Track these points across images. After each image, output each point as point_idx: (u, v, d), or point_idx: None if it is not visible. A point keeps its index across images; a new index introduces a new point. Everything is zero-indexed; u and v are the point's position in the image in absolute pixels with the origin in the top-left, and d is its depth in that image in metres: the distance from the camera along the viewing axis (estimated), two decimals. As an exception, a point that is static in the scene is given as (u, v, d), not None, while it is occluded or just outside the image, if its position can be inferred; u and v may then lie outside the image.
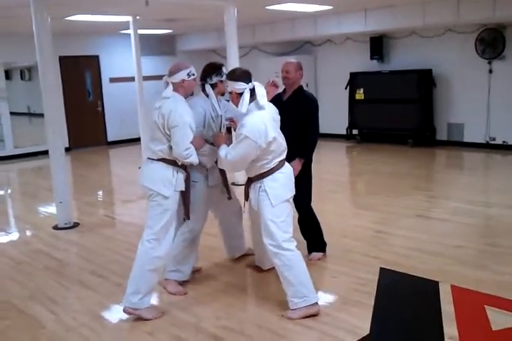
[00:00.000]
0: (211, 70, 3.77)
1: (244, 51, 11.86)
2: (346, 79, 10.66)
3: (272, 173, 3.42)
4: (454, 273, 3.96)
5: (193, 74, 3.51)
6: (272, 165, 3.42)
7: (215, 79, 3.73)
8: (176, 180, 3.47)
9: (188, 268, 3.94)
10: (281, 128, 3.63)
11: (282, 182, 3.44)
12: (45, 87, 5.57)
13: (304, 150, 4.14)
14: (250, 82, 3.40)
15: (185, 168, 3.57)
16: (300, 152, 4.07)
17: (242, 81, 3.38)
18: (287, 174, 3.50)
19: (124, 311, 3.45)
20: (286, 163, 3.55)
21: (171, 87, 3.44)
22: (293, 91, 4.23)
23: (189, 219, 3.75)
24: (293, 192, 3.54)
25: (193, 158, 3.44)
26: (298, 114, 4.09)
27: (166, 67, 3.89)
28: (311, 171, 4.32)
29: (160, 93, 3.49)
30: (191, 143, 3.40)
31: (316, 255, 4.45)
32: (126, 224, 5.89)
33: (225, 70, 3.77)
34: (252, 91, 3.38)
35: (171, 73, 3.45)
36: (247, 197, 3.62)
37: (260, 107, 3.38)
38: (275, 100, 4.00)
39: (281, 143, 3.46)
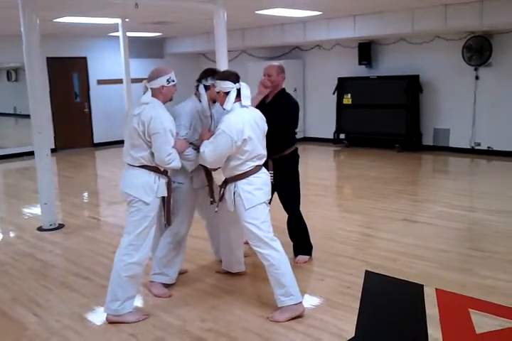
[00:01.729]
0: (209, 73, 3.79)
1: (234, 55, 11.88)
2: (334, 84, 10.72)
3: (247, 177, 3.42)
4: (439, 277, 3.99)
5: (173, 81, 3.47)
6: (246, 168, 3.41)
7: (210, 81, 3.74)
8: (157, 186, 3.45)
9: (173, 271, 3.91)
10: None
11: (257, 186, 3.44)
12: (32, 88, 5.52)
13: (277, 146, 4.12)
14: (238, 82, 3.41)
15: (166, 173, 3.56)
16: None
17: (230, 80, 3.40)
18: (263, 179, 3.50)
19: (107, 320, 3.43)
20: (264, 169, 3.56)
21: (149, 92, 3.40)
22: (275, 94, 4.26)
23: (170, 225, 3.73)
24: (268, 196, 3.55)
25: (175, 163, 3.41)
26: (279, 119, 4.07)
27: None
28: (299, 174, 4.36)
29: (139, 98, 3.46)
30: (174, 146, 3.38)
31: (302, 258, 4.46)
32: (111, 225, 5.85)
33: None
34: (239, 91, 3.40)
35: (151, 78, 3.41)
36: (221, 198, 3.63)
37: (243, 107, 3.42)
38: (258, 104, 4.05)
39: (259, 147, 3.45)
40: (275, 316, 3.41)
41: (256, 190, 3.43)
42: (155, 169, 3.44)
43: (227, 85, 3.39)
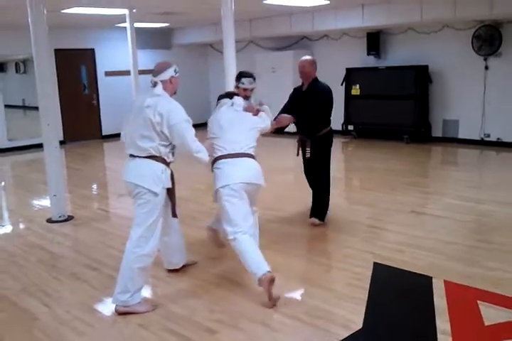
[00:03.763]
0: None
1: (241, 45, 11.84)
2: (342, 75, 10.65)
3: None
4: (447, 269, 3.98)
5: (178, 72, 3.58)
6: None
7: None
8: (164, 176, 3.48)
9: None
10: (302, 115, 4.80)
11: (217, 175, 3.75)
12: (40, 80, 5.53)
13: (310, 126, 4.98)
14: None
15: (169, 165, 3.58)
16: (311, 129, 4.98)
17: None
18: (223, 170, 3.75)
19: (116, 311, 3.45)
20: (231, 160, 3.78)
21: (160, 85, 3.46)
22: (309, 82, 4.97)
23: (177, 216, 3.74)
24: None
25: (203, 155, 3.53)
26: (316, 104, 4.86)
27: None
28: (331, 152, 5.19)
29: (146, 91, 3.53)
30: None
31: (315, 220, 5.09)
32: (120, 217, 5.88)
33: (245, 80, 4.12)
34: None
35: (159, 72, 3.48)
36: None
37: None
38: (296, 92, 5.15)
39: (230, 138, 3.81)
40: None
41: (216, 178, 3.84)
42: (162, 160, 3.47)
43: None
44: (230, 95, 4.13)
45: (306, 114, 4.82)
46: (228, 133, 3.84)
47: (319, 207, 5.15)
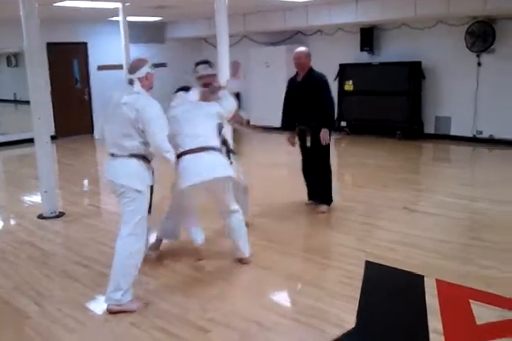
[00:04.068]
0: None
1: (235, 40, 11.77)
2: (336, 71, 10.63)
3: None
4: (439, 267, 3.98)
5: (153, 68, 3.61)
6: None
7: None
8: (147, 174, 3.52)
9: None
10: (300, 105, 5.15)
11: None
12: (32, 74, 5.47)
13: (325, 122, 5.13)
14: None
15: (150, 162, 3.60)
16: (322, 123, 5.10)
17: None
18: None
19: (109, 310, 3.42)
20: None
21: (138, 82, 3.47)
22: (305, 73, 5.17)
23: (150, 213, 3.69)
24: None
25: (171, 156, 3.53)
26: (312, 91, 5.07)
27: (155, 55, 4.05)
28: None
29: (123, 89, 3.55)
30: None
31: (323, 207, 5.32)
32: (111, 213, 5.82)
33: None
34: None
35: (135, 69, 3.50)
36: None
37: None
38: (291, 83, 5.33)
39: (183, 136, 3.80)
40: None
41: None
42: (143, 158, 3.50)
43: None
44: (185, 89, 4.14)
45: (305, 104, 5.11)
46: (186, 127, 3.85)
47: (324, 194, 5.37)
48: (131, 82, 3.48)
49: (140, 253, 3.49)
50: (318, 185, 5.41)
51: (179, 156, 3.79)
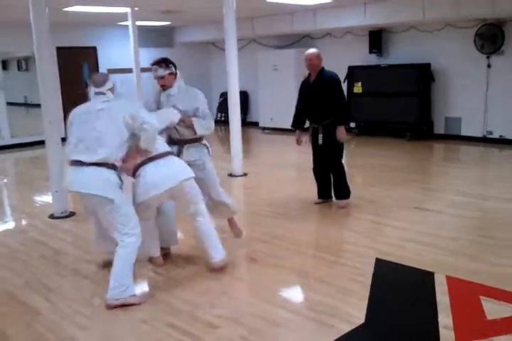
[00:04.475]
0: None
1: (243, 43, 11.84)
2: (345, 73, 10.63)
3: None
4: (449, 265, 3.97)
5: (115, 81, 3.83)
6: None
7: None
8: (119, 180, 3.56)
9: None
10: (313, 104, 5.28)
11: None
12: (42, 78, 5.53)
13: (340, 119, 5.24)
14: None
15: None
16: (338, 121, 5.22)
17: None
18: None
19: (109, 306, 3.45)
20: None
21: (110, 92, 3.74)
22: (317, 73, 5.27)
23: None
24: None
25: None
26: (324, 89, 5.20)
27: None
28: None
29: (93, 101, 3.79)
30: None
31: (344, 202, 5.46)
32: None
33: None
34: None
35: (102, 83, 3.76)
36: None
37: None
38: (304, 85, 5.44)
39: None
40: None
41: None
42: (112, 166, 3.53)
43: None
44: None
45: (317, 102, 5.24)
46: None
47: (341, 189, 5.48)
48: (99, 94, 3.72)
49: (137, 249, 3.56)
50: (335, 182, 5.49)
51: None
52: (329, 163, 5.44)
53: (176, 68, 4.16)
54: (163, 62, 4.10)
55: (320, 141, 5.32)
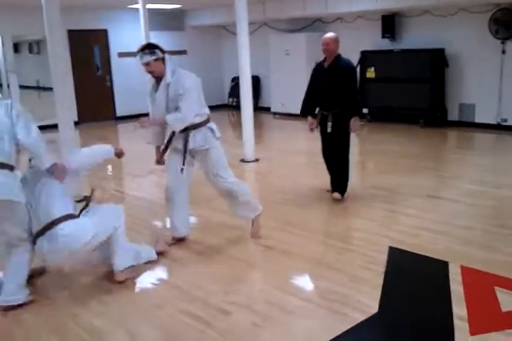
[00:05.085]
0: None
1: (254, 27, 11.70)
2: (357, 58, 10.51)
3: None
4: (463, 254, 3.95)
5: None
6: None
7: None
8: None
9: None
10: (324, 90, 5.11)
11: None
12: (54, 61, 5.52)
13: (353, 109, 5.12)
14: None
15: None
16: (351, 111, 5.09)
17: None
18: None
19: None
20: None
21: None
22: (333, 59, 5.15)
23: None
24: None
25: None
26: (338, 77, 5.06)
27: (174, 43, 4.00)
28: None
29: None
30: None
31: (336, 195, 5.31)
32: (136, 198, 5.89)
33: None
34: None
35: None
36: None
37: None
38: (318, 70, 5.30)
39: None
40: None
41: None
42: (12, 167, 3.46)
43: None
44: None
45: (330, 89, 5.08)
46: None
47: (340, 182, 5.34)
48: None
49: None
50: (336, 173, 5.38)
51: None
52: (336, 153, 5.29)
53: (163, 52, 3.92)
54: (147, 48, 3.89)
55: (329, 129, 5.17)
